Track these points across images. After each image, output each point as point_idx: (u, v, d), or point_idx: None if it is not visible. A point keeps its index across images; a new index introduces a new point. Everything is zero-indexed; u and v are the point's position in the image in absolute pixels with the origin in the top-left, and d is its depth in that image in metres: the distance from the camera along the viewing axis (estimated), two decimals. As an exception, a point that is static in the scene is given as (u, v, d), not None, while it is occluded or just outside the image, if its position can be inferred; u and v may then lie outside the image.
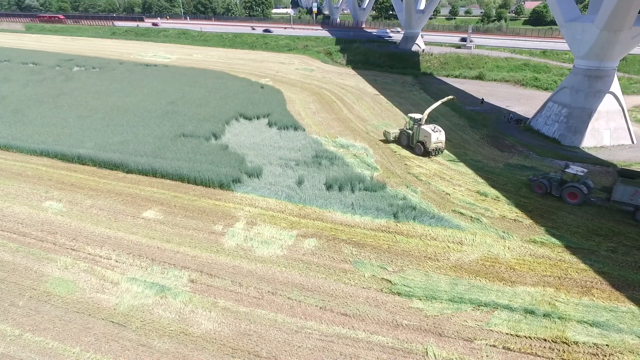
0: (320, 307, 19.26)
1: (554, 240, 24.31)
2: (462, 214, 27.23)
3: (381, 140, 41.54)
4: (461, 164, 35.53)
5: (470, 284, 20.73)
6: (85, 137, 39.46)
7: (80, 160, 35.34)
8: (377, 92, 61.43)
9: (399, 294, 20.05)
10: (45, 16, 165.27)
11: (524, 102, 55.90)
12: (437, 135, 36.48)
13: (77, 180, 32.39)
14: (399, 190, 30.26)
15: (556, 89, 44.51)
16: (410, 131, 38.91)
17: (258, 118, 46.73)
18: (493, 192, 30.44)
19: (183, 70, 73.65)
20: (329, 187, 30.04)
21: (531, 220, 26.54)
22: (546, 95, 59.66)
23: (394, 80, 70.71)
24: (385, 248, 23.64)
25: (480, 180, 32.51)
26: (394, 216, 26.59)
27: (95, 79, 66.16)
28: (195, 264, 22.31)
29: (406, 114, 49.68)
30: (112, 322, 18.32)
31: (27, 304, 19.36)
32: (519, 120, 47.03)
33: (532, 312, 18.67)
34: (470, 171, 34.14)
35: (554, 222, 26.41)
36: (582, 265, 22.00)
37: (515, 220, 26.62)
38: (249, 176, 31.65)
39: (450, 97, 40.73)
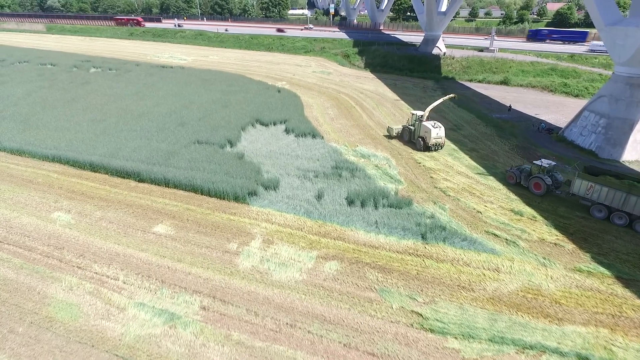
0: (344, 344, 17.35)
1: (602, 269, 21.91)
2: (496, 235, 24.98)
3: (385, 136, 42.87)
4: (491, 177, 33.17)
5: (511, 320, 18.54)
6: (98, 143, 38.37)
7: (92, 167, 34.22)
8: (397, 98, 59.22)
9: (431, 330, 17.99)
10: (124, 19, 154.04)
11: (553, 109, 52.96)
12: (436, 131, 37.80)
13: (88, 189, 31.19)
14: (426, 207, 28.13)
15: (593, 97, 41.66)
16: (412, 127, 40.34)
17: (275, 124, 45.08)
18: (528, 210, 28.06)
19: (199, 73, 72.64)
20: (350, 202, 28.10)
21: (574, 245, 24.13)
22: (577, 102, 56.73)
23: (414, 84, 68.36)
24: (413, 274, 21.60)
25: (514, 196, 30.13)
26: (422, 237, 24.51)
27: (110, 81, 65.58)
28: (208, 287, 20.64)
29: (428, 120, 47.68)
30: (117, 355, 16.75)
31: (27, 331, 17.94)
32: (551, 129, 44.29)
33: (586, 359, 16.41)
34: (501, 186, 31.78)
35: (600, 247, 23.96)
36: (639, 302, 19.58)
37: (555, 244, 24.25)
38: (266, 188, 29.95)
39: (452, 94, 41.81)
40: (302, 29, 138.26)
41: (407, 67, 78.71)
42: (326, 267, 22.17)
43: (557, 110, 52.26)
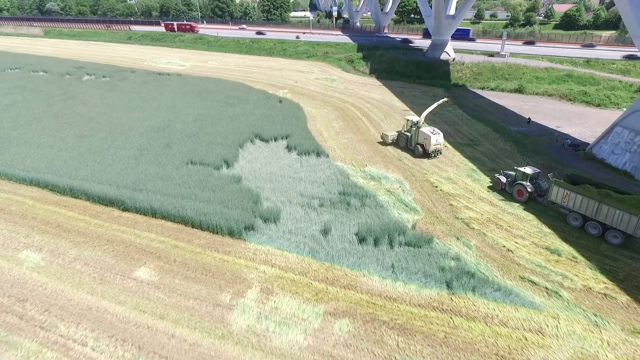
0: None
1: (668, 332, 18.26)
2: (533, 283, 21.37)
3: (378, 142, 41.91)
4: (517, 205, 29.52)
5: (567, 407, 14.92)
6: (81, 163, 34.95)
7: (73, 193, 30.76)
8: (406, 107, 55.63)
9: None
10: (173, 24, 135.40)
11: (575, 121, 49.25)
12: (436, 138, 37.16)
13: (65, 220, 27.71)
14: (449, 244, 24.52)
15: (626, 111, 37.95)
16: (408, 133, 39.65)
17: (276, 139, 41.53)
18: (566, 248, 24.41)
19: (196, 81, 69.22)
20: (361, 239, 24.50)
21: (627, 296, 20.48)
22: (599, 112, 53.13)
23: (423, 92, 64.71)
24: (440, 337, 17.99)
25: (547, 229, 26.49)
26: (447, 285, 20.93)
27: (103, 90, 62.22)
28: (194, 357, 17.08)
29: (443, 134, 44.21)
30: None
31: None
32: (577, 145, 40.58)
33: None
34: (531, 216, 28.14)
35: (660, 300, 20.31)
36: None
37: (605, 295, 20.61)
38: (265, 221, 26.38)
39: (445, 99, 41.89)
40: (237, 29, 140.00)
41: (414, 74, 75.14)
42: (336, 327, 18.58)
43: (579, 122, 48.53)
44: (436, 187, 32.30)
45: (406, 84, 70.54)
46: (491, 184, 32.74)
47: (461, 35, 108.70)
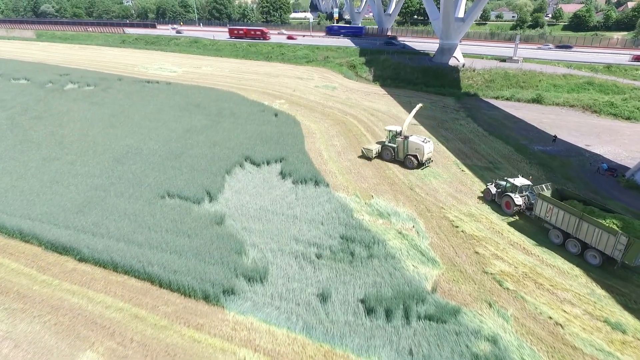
0: None
1: None
2: (598, 380, 16.21)
3: (359, 157, 38.71)
4: (559, 256, 24.25)
5: None
6: (39, 196, 29.96)
7: (23, 236, 25.73)
8: (415, 121, 50.27)
9: None
10: (242, 29, 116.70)
11: (606, 138, 43.91)
12: (428, 147, 35.89)
13: (6, 276, 22.68)
14: (480, 315, 19.34)
15: (674, 132, 32.77)
16: (393, 144, 37.34)
17: (269, 163, 36.35)
18: (631, 321, 19.23)
19: (186, 90, 64.07)
20: (369, 309, 19.39)
21: None
22: (632, 127, 47.91)
23: (432, 102, 59.39)
24: None
25: (599, 290, 21.31)
26: (485, 385, 15.80)
27: (83, 101, 57.14)
28: None
29: (456, 153, 39.23)
30: None
31: None
32: (614, 170, 35.29)
33: None
34: (577, 270, 22.93)
35: None
36: None
37: (697, 401, 15.44)
38: (249, 280, 21.31)
39: (420, 104, 40.33)
40: (172, 29, 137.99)
41: (421, 81, 69.82)
42: None
43: (611, 140, 43.17)
44: (456, 226, 27.09)
45: (413, 93, 65.27)
46: (514, 215, 27.72)
47: (354, 32, 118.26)
